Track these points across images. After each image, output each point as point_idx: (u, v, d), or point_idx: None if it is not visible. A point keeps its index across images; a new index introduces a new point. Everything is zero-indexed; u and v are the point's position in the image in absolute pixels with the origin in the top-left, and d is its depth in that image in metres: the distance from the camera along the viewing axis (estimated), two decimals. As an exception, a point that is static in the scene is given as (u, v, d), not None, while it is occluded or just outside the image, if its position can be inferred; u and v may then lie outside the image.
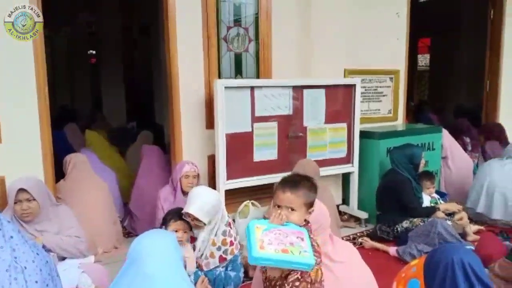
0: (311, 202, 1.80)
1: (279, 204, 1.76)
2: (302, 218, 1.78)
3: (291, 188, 1.75)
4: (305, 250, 1.59)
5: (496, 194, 3.83)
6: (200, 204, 2.44)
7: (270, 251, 1.54)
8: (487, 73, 5.55)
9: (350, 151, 3.96)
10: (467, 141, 5.78)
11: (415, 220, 3.44)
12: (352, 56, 4.11)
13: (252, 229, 1.62)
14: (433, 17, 8.13)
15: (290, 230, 1.66)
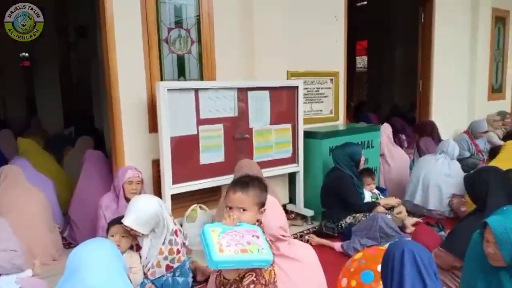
0: (262, 202, 1.81)
1: (230, 205, 1.75)
2: (254, 218, 1.78)
3: (241, 188, 1.75)
4: (263, 248, 1.60)
5: (431, 186, 4.08)
6: (137, 215, 2.37)
7: (230, 253, 1.53)
8: (420, 74, 5.90)
9: (295, 151, 4.03)
10: (403, 138, 6.14)
11: (357, 215, 3.58)
12: (294, 58, 4.20)
13: (208, 233, 1.59)
14: (369, 20, 8.54)
15: (244, 229, 1.66)
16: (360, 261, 2.21)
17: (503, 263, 1.80)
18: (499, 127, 6.24)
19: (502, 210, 1.87)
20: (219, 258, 1.50)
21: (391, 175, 4.63)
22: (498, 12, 6.45)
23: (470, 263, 2.03)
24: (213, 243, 1.54)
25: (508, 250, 1.76)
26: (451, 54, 5.92)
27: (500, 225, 1.78)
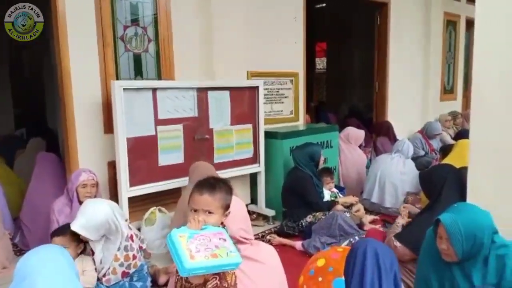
0: (228, 205, 1.79)
1: (195, 208, 1.71)
2: (219, 221, 1.75)
3: (208, 190, 1.72)
4: (231, 250, 1.58)
5: (387, 185, 4.20)
6: (85, 220, 2.28)
7: (200, 259, 1.49)
8: (376, 76, 6.06)
9: (256, 151, 4.03)
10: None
11: (317, 214, 3.62)
12: (254, 58, 4.20)
13: (177, 240, 1.54)
14: (328, 22, 8.69)
15: (211, 232, 1.62)
16: (327, 269, 2.20)
17: (456, 259, 1.87)
18: (450, 127, 6.53)
19: (454, 207, 1.94)
20: (191, 265, 1.47)
21: (349, 174, 4.73)
22: (450, 16, 6.74)
23: (424, 258, 2.09)
24: (183, 249, 1.50)
25: (460, 246, 1.82)
26: (406, 57, 6.12)
27: (452, 222, 1.84)
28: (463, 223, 1.82)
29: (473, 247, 1.82)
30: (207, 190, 1.72)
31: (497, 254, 1.82)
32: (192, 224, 1.62)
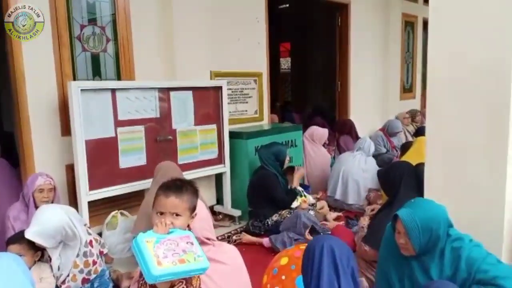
0: (194, 207, 1.76)
1: (162, 211, 1.67)
2: (186, 223, 1.73)
3: (175, 192, 1.68)
4: (199, 255, 1.56)
5: (349, 182, 4.29)
6: (40, 227, 2.19)
7: (168, 265, 1.45)
8: (338, 75, 6.17)
9: (221, 151, 4.01)
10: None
11: (283, 212, 3.65)
12: (217, 59, 4.18)
13: (144, 245, 1.49)
14: (291, 22, 8.76)
15: (178, 236, 1.59)
16: (290, 267, 2.21)
17: (414, 253, 1.92)
18: (409, 124, 6.74)
19: (411, 202, 1.99)
20: (159, 272, 1.43)
21: (313, 172, 4.79)
22: (408, 17, 6.97)
23: (384, 253, 2.14)
24: (150, 255, 1.46)
25: (417, 240, 1.87)
26: (366, 57, 6.27)
27: (409, 217, 1.89)
28: (419, 217, 1.87)
29: (430, 240, 1.88)
30: (174, 192, 1.68)
31: (452, 247, 1.89)
32: (159, 228, 1.58)
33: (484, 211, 2.27)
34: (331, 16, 6.12)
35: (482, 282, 1.79)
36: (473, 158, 2.28)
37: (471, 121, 2.27)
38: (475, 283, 1.81)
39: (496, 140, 2.20)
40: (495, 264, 1.82)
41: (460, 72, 2.28)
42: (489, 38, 2.17)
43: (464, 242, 1.89)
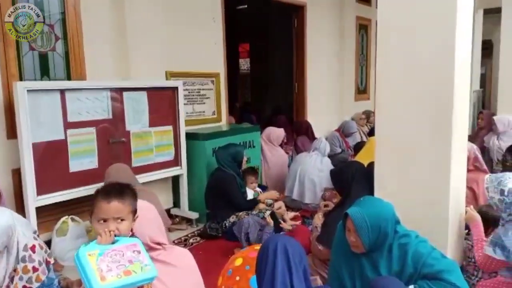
0: (135, 210, 1.73)
1: (105, 217, 1.62)
2: (130, 227, 1.69)
3: (117, 196, 1.64)
4: (146, 264, 1.52)
5: (306, 181, 4.36)
6: None
7: (112, 279, 1.40)
8: (295, 77, 6.25)
9: (177, 153, 3.96)
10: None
11: (240, 214, 3.64)
12: (173, 59, 4.11)
13: (85, 259, 1.43)
14: (250, 23, 8.78)
15: (124, 245, 1.54)
16: (244, 267, 2.22)
17: (364, 250, 1.98)
18: (364, 125, 6.94)
19: (360, 201, 2.05)
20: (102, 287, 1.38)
21: (271, 173, 4.83)
22: (362, 21, 7.17)
23: (336, 251, 2.19)
24: (93, 270, 1.40)
25: (366, 237, 1.93)
26: (322, 58, 6.39)
27: (358, 215, 1.94)
28: (368, 215, 1.93)
29: (378, 237, 1.94)
30: (116, 196, 1.64)
31: (399, 243, 1.96)
32: (103, 238, 1.53)
33: (430, 208, 2.37)
34: (288, 17, 6.19)
35: (428, 276, 1.87)
36: (419, 157, 2.38)
37: (417, 122, 2.37)
38: (421, 278, 1.88)
39: (441, 140, 2.31)
40: (439, 259, 1.91)
41: (407, 75, 2.38)
42: (434, 41, 2.27)
43: (410, 238, 1.97)
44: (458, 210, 2.50)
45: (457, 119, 2.31)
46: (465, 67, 2.44)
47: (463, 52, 2.36)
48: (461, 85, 2.36)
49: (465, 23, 2.35)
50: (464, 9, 2.30)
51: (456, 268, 1.91)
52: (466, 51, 2.44)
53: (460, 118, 2.40)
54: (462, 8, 2.27)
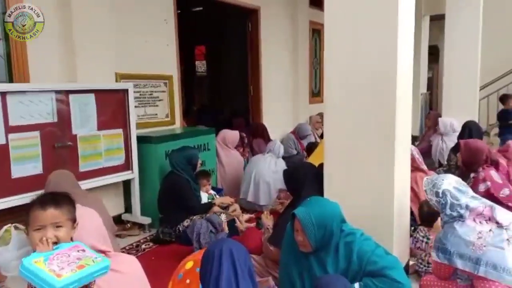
0: (75, 218, 1.70)
1: (42, 224, 1.57)
2: (70, 235, 1.64)
3: (52, 204, 1.61)
4: (95, 257, 1.52)
5: (261, 183, 4.39)
6: None
7: (69, 275, 1.40)
8: (250, 80, 6.28)
9: (128, 157, 3.85)
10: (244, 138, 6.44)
11: (194, 218, 3.61)
12: (123, 60, 4.01)
13: (33, 266, 1.41)
14: (206, 25, 8.74)
15: (66, 249, 1.52)
16: (195, 270, 2.20)
17: (311, 249, 2.02)
18: (319, 127, 7.08)
19: (307, 201, 2.09)
20: (62, 283, 1.37)
21: (226, 175, 4.82)
22: (314, 25, 7.31)
23: (285, 251, 2.22)
24: (46, 272, 1.38)
25: (313, 236, 1.97)
26: (277, 62, 6.47)
27: (305, 215, 1.99)
28: (314, 215, 1.97)
29: (325, 236, 1.99)
30: (51, 203, 1.61)
31: (345, 241, 2.02)
32: (41, 247, 1.50)
33: (376, 206, 2.46)
34: (242, 20, 6.21)
35: (372, 273, 1.93)
36: (365, 158, 2.46)
37: (363, 124, 2.45)
38: (366, 275, 1.95)
39: (385, 142, 2.40)
40: (382, 256, 1.98)
41: (352, 79, 2.46)
42: (377, 47, 2.36)
43: (355, 236, 2.03)
44: (402, 208, 2.60)
45: (400, 121, 2.41)
46: (407, 71, 2.55)
47: (405, 57, 2.47)
48: (404, 89, 2.47)
49: (407, 29, 2.46)
50: (406, 15, 2.41)
51: (398, 264, 1.99)
52: (409, 55, 2.55)
53: (403, 120, 2.50)
54: (404, 14, 2.37)
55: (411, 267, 2.82)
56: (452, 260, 2.10)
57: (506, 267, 1.98)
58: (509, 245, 2.02)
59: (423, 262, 2.75)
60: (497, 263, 1.99)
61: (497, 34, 7.52)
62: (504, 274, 1.97)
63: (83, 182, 3.31)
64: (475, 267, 2.03)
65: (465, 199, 2.19)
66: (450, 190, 2.23)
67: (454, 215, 2.19)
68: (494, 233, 2.06)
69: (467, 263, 2.05)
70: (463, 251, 2.07)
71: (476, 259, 2.03)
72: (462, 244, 2.08)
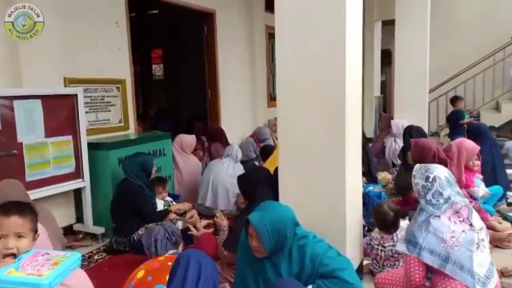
0: (36, 229, 1.66)
1: (4, 233, 1.52)
2: (29, 247, 1.58)
3: (17, 212, 1.56)
4: (64, 254, 1.56)
5: (219, 188, 4.35)
6: None
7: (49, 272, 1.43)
8: (207, 84, 6.22)
9: (79, 165, 3.71)
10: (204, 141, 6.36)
11: (150, 225, 3.50)
12: (73, 65, 3.85)
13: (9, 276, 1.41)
14: (163, 28, 8.59)
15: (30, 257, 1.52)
16: (147, 279, 2.14)
17: (266, 254, 2.01)
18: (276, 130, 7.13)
19: (260, 206, 2.09)
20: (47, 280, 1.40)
21: (184, 181, 4.74)
22: (271, 29, 7.35)
23: (240, 256, 2.21)
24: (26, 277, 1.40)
25: (267, 241, 1.96)
26: (235, 66, 6.45)
27: (259, 220, 1.98)
28: (268, 219, 1.97)
29: (279, 240, 1.99)
30: (16, 211, 1.56)
31: (298, 245, 2.03)
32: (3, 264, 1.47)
33: (329, 208, 2.48)
34: (199, 24, 6.15)
35: (324, 275, 1.95)
36: (317, 161, 2.48)
37: (314, 128, 2.46)
38: (319, 277, 1.96)
39: (336, 145, 2.43)
40: (334, 258, 2.01)
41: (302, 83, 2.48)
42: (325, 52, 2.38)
43: (308, 239, 2.05)
44: (354, 209, 2.65)
45: (350, 123, 2.45)
46: (357, 73, 2.60)
47: (354, 60, 2.51)
48: (353, 91, 2.51)
49: (355, 32, 2.50)
50: (354, 19, 2.46)
51: (349, 265, 2.02)
52: (358, 58, 2.60)
53: (354, 122, 2.55)
54: (352, 18, 2.42)
55: (365, 267, 2.88)
56: (422, 254, 2.09)
57: (471, 269, 2.01)
58: (477, 249, 2.05)
59: (378, 263, 2.80)
60: (464, 264, 2.02)
61: (445, 38, 7.89)
62: (468, 275, 2.00)
63: (31, 192, 3.15)
64: (443, 264, 2.04)
65: (449, 191, 2.16)
66: (441, 178, 2.19)
67: (433, 203, 2.16)
68: (466, 234, 2.07)
69: (436, 260, 2.05)
70: (434, 247, 2.06)
71: (445, 257, 2.04)
72: (435, 241, 2.07)
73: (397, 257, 2.71)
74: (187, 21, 6.64)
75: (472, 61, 7.64)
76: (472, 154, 3.71)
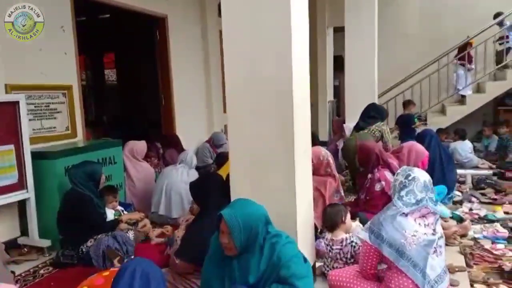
0: None
1: None
2: None
3: None
4: None
5: (173, 195, 4.27)
6: None
7: None
8: (161, 89, 6.12)
9: (22, 175, 3.53)
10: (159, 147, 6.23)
11: (99, 236, 3.38)
12: (14, 71, 3.67)
13: None
14: (114, 33, 8.37)
15: None
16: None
17: (236, 252, 2.00)
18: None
19: (233, 202, 2.13)
20: None
21: (136, 189, 4.62)
22: (224, 35, 7.34)
23: (209, 258, 2.18)
24: None
25: (239, 237, 1.96)
26: (189, 71, 6.38)
27: (231, 216, 1.98)
28: (241, 215, 1.98)
29: (250, 237, 1.99)
30: None
31: (271, 242, 2.04)
32: None
33: (280, 210, 2.49)
34: (151, 29, 6.04)
35: (282, 279, 1.95)
36: (267, 166, 2.51)
37: (264, 133, 2.49)
38: (277, 279, 1.96)
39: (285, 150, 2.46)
40: (297, 263, 2.02)
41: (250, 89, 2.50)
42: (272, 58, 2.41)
43: (281, 238, 2.07)
44: (305, 210, 2.69)
45: (299, 126, 2.49)
46: (304, 77, 2.65)
47: (301, 64, 2.56)
48: (301, 95, 2.55)
49: (301, 36, 2.55)
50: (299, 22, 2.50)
51: (309, 274, 2.05)
52: (305, 62, 2.64)
53: (302, 125, 2.59)
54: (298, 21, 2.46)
55: (318, 269, 2.92)
56: (382, 245, 2.17)
57: (424, 270, 2.11)
58: (433, 253, 2.16)
59: (329, 266, 2.84)
60: (418, 262, 2.12)
61: (392, 45, 8.22)
62: (420, 275, 2.10)
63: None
64: (398, 258, 2.13)
65: (424, 195, 2.22)
66: (420, 180, 2.25)
67: (404, 199, 2.22)
68: (427, 237, 2.17)
69: (393, 253, 2.14)
70: (393, 241, 2.14)
71: (402, 252, 2.13)
72: (396, 235, 2.15)
73: (345, 260, 2.77)
74: (139, 26, 6.51)
75: (418, 66, 8.02)
76: (422, 156, 3.86)
